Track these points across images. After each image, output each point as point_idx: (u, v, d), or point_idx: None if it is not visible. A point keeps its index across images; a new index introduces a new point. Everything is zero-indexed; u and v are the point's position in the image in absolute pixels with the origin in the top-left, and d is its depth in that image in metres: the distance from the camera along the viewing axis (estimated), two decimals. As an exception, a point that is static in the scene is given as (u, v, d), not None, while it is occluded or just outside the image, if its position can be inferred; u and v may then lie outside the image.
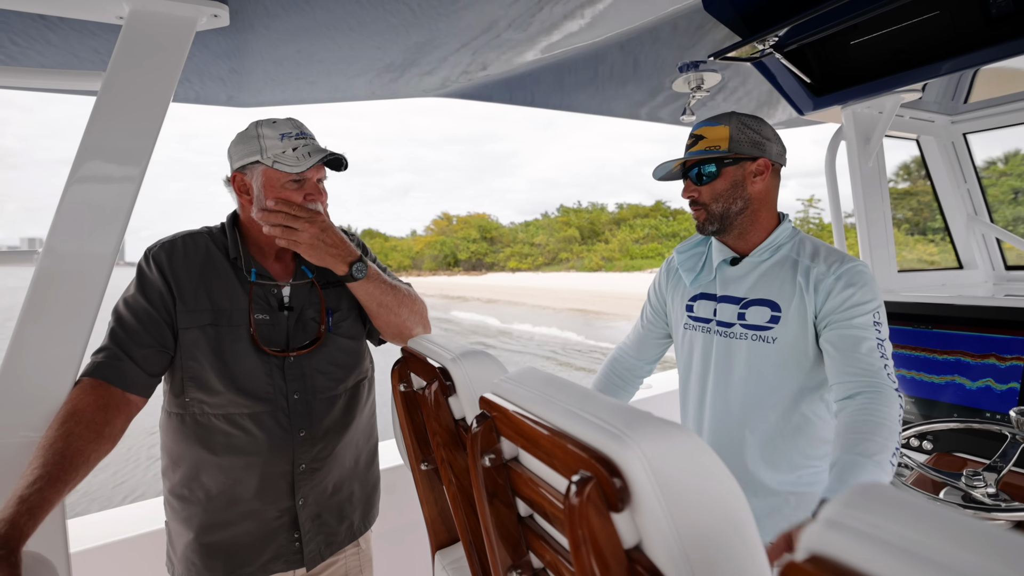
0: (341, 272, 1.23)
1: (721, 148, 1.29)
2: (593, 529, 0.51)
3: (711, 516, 0.49)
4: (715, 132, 1.31)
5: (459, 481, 0.97)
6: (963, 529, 0.30)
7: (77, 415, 0.99)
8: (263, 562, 1.22)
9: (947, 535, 0.30)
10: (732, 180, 1.30)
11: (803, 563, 0.33)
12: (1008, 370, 1.69)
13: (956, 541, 0.29)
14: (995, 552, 0.28)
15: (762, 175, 1.30)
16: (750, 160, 1.30)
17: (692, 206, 1.36)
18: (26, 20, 1.06)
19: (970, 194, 2.53)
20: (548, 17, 1.32)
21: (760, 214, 1.32)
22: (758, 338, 1.28)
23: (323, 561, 1.28)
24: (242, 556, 1.20)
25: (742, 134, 1.29)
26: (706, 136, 1.32)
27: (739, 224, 1.32)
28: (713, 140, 1.31)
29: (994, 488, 1.15)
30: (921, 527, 0.31)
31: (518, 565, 0.77)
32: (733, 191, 1.30)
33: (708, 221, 1.33)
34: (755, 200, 1.31)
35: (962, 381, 1.79)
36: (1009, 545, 0.28)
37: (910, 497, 0.34)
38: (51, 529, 0.99)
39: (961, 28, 1.44)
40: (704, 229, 1.35)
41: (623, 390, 1.63)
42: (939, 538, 0.30)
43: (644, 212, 74.62)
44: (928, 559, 0.29)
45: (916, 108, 2.27)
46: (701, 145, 1.32)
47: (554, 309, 30.70)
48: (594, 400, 0.60)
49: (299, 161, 1.17)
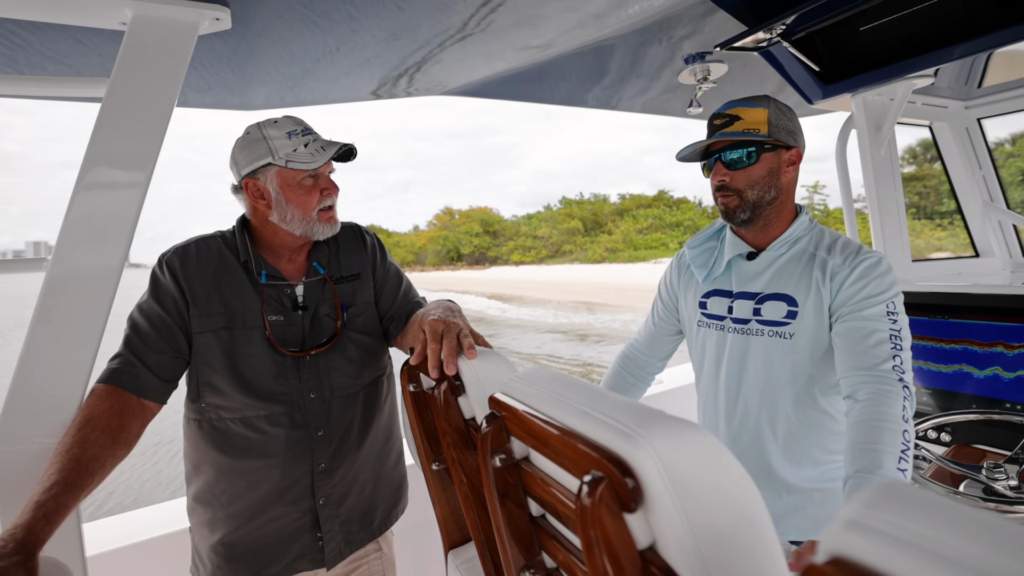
0: None
1: (760, 132, 1.21)
2: (606, 530, 0.50)
3: (727, 515, 0.48)
4: (753, 114, 1.23)
5: (470, 481, 0.97)
6: (987, 527, 0.29)
7: (93, 421, 1.00)
8: (288, 562, 1.22)
9: (970, 534, 0.29)
10: (769, 167, 1.24)
11: (824, 566, 0.32)
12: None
13: (980, 540, 0.28)
14: (1015, 546, 0.27)
15: (794, 165, 1.26)
16: (785, 148, 1.24)
17: (721, 191, 1.27)
18: (30, 28, 1.07)
19: (985, 180, 2.48)
20: (553, 11, 1.30)
21: (786, 206, 1.29)
22: (775, 334, 1.25)
23: (343, 560, 1.28)
24: (267, 557, 1.21)
25: (780, 120, 1.23)
26: (743, 117, 1.23)
27: (767, 215, 1.27)
28: (752, 122, 1.22)
29: (1016, 480, 1.13)
30: (943, 526, 0.30)
31: (531, 565, 0.76)
32: (769, 179, 1.24)
33: (740, 209, 1.25)
34: (785, 191, 1.27)
35: (972, 371, 1.76)
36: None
37: (931, 496, 0.33)
38: (67, 533, 0.99)
39: (974, 10, 1.41)
40: (733, 217, 1.27)
41: (635, 387, 1.61)
42: (962, 537, 0.29)
43: (647, 202, 74.24)
44: (951, 559, 0.28)
45: (928, 94, 2.23)
46: (738, 126, 1.23)
47: (558, 303, 30.74)
48: (605, 398, 0.59)
49: (314, 157, 1.17)
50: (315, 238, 1.23)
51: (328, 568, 1.26)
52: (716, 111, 1.29)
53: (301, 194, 1.18)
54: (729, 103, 1.27)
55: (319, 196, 1.20)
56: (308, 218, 1.20)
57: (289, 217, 1.19)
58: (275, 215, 1.19)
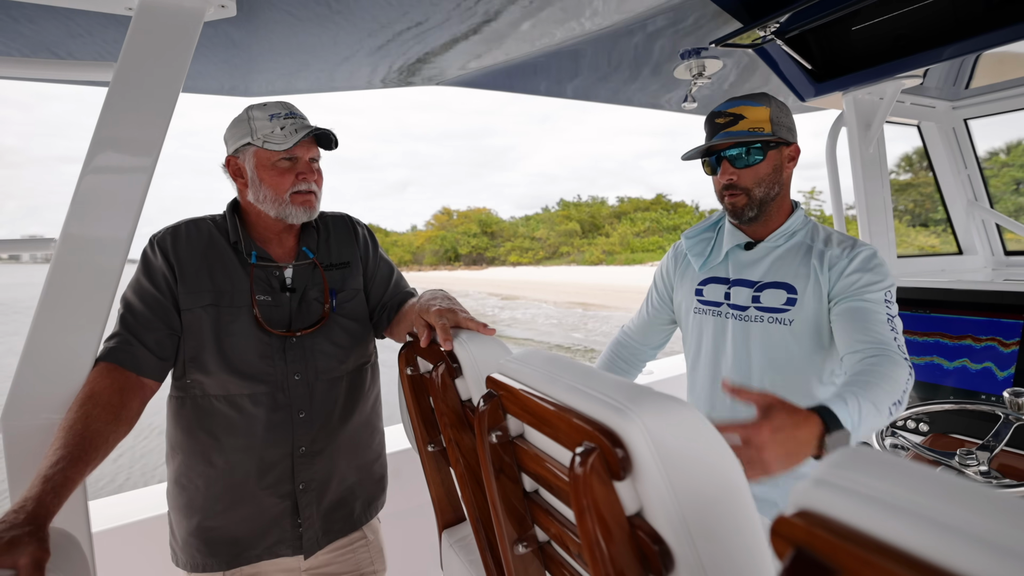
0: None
1: (765, 130, 1.23)
2: (596, 497, 0.54)
3: (708, 482, 0.52)
4: (757, 113, 1.24)
5: (466, 460, 1.00)
6: (937, 482, 0.33)
7: (95, 397, 1.02)
8: (267, 546, 1.23)
9: (924, 489, 0.33)
10: (774, 164, 1.27)
11: (792, 517, 0.35)
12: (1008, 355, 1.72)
13: (932, 493, 0.32)
14: (966, 500, 0.31)
15: (794, 160, 1.30)
16: (786, 144, 1.28)
17: (728, 191, 1.29)
18: (39, 12, 1.08)
19: (970, 180, 2.54)
20: (550, 6, 1.32)
21: (785, 200, 1.33)
22: (775, 320, 1.28)
23: (321, 548, 1.29)
24: (245, 542, 1.22)
25: (780, 117, 1.26)
26: (747, 116, 1.25)
27: (770, 210, 1.31)
28: (756, 121, 1.24)
29: (986, 467, 1.18)
30: (900, 482, 0.34)
31: (524, 538, 0.80)
32: (774, 176, 1.27)
33: (748, 207, 1.28)
34: (785, 186, 1.31)
35: (942, 362, 1.82)
36: (978, 494, 0.31)
37: (891, 457, 0.37)
38: (74, 508, 1.02)
39: (962, 13, 1.45)
40: (742, 215, 1.30)
41: (627, 373, 1.65)
42: (917, 491, 0.33)
43: (645, 205, 74.61)
44: (906, 510, 0.32)
45: (917, 94, 2.27)
46: (743, 125, 1.25)
47: (555, 303, 30.87)
48: (597, 377, 0.63)
49: (286, 138, 1.18)
50: (290, 221, 1.24)
51: (306, 556, 1.27)
52: (717, 109, 1.30)
53: (275, 175, 1.19)
54: (729, 101, 1.29)
55: (294, 179, 1.20)
56: (280, 199, 1.20)
57: (262, 197, 1.21)
58: (251, 194, 1.21)
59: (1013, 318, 1.73)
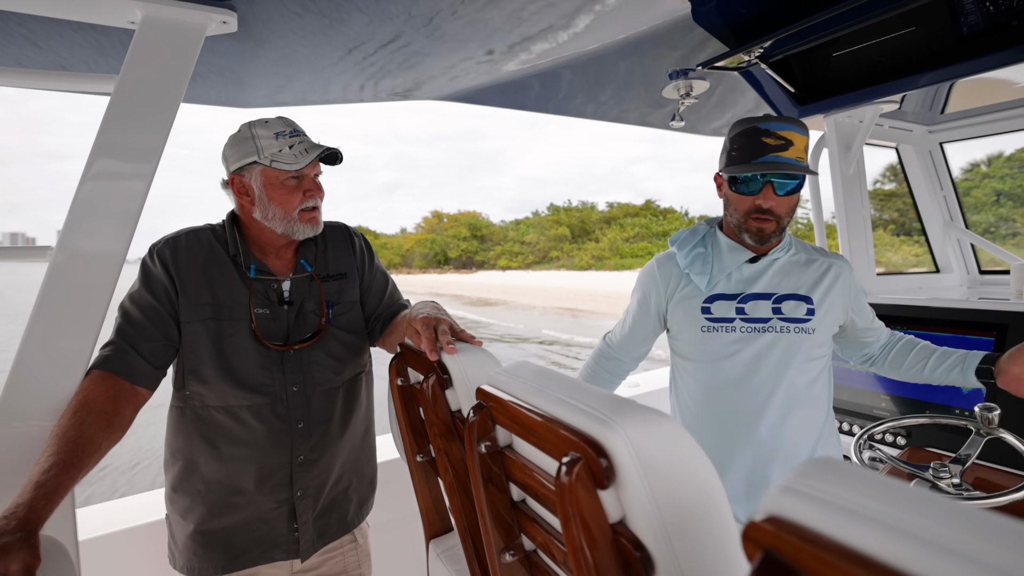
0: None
1: (803, 160, 1.25)
2: (581, 505, 0.57)
3: (687, 490, 0.55)
4: (801, 140, 1.25)
5: (455, 470, 1.02)
6: (895, 492, 0.36)
7: (88, 405, 1.03)
8: (263, 551, 1.25)
9: (881, 497, 0.36)
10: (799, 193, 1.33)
11: (761, 522, 0.38)
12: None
13: (888, 502, 0.35)
14: (918, 508, 0.34)
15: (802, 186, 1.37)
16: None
17: (761, 214, 1.29)
18: (45, 24, 1.10)
19: (946, 201, 2.62)
20: (540, 26, 1.37)
21: None
22: (800, 330, 1.34)
23: (316, 552, 1.31)
24: (242, 546, 1.23)
25: (809, 146, 1.31)
26: (795, 143, 1.25)
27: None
28: (801, 149, 1.25)
29: (959, 479, 1.22)
30: (860, 491, 0.37)
31: (511, 547, 0.82)
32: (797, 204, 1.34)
33: (775, 233, 1.33)
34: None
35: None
36: (930, 502, 0.34)
37: (854, 468, 0.40)
38: (62, 516, 1.02)
39: (935, 44, 1.52)
40: (767, 240, 1.33)
41: (610, 383, 1.67)
42: (875, 500, 0.36)
43: (634, 211, 75.28)
44: (863, 516, 0.35)
45: (895, 118, 2.36)
46: (792, 152, 1.24)
47: (543, 308, 30.91)
48: (583, 389, 0.65)
49: (297, 158, 1.20)
50: (296, 237, 1.26)
51: (303, 560, 1.29)
52: (764, 126, 1.26)
53: (283, 194, 1.21)
54: (777, 122, 1.26)
55: (302, 197, 1.22)
56: (289, 217, 1.22)
57: (271, 215, 1.22)
58: (258, 212, 1.23)
59: (984, 335, 1.79)
